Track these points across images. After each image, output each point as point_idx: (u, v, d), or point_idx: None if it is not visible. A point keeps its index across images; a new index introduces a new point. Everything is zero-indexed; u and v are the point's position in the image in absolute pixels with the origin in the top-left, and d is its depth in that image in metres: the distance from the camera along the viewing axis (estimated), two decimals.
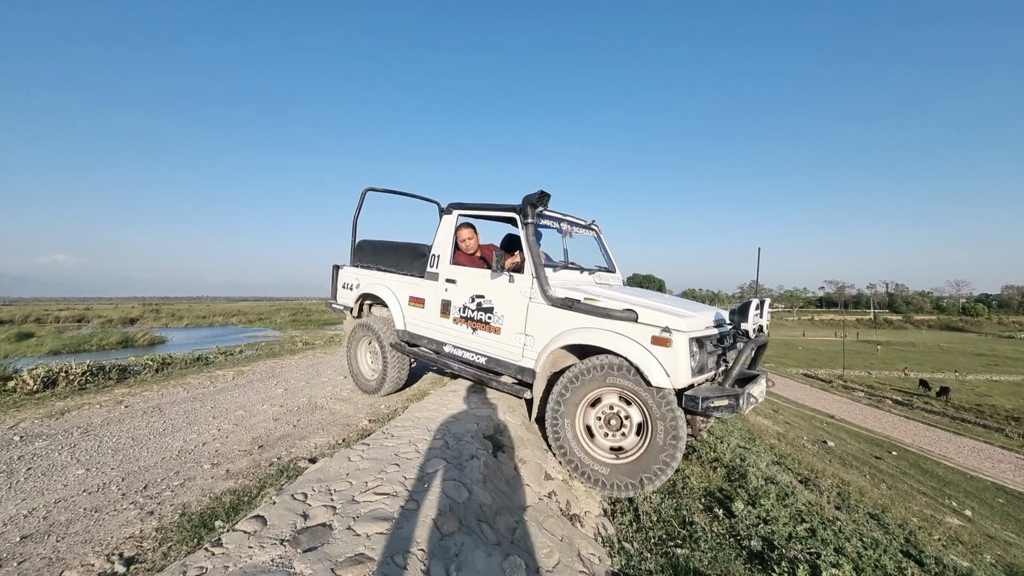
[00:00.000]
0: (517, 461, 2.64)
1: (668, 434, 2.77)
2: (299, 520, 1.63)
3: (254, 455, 3.22)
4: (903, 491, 9.19)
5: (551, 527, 2.20)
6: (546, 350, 3.19)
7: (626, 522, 2.73)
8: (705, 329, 3.05)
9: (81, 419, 4.10)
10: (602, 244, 4.59)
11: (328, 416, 4.25)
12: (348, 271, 5.23)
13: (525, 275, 3.40)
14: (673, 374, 2.70)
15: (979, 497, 12.18)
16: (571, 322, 3.11)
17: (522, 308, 3.38)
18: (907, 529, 4.77)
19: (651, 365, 2.72)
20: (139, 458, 3.21)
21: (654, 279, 58.79)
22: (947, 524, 7.00)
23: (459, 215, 4.03)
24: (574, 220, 4.29)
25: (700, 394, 2.72)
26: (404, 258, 4.57)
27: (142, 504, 2.54)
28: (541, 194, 3.46)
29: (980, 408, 25.42)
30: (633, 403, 2.94)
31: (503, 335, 3.50)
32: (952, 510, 9.16)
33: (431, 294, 4.13)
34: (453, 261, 3.98)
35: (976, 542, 6.40)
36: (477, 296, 3.70)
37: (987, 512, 10.46)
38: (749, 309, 3.11)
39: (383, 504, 1.76)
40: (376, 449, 2.34)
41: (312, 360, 7.59)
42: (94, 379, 5.69)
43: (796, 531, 3.02)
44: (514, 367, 3.43)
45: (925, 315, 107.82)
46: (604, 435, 3.03)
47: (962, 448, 18.40)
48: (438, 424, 2.76)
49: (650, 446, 2.84)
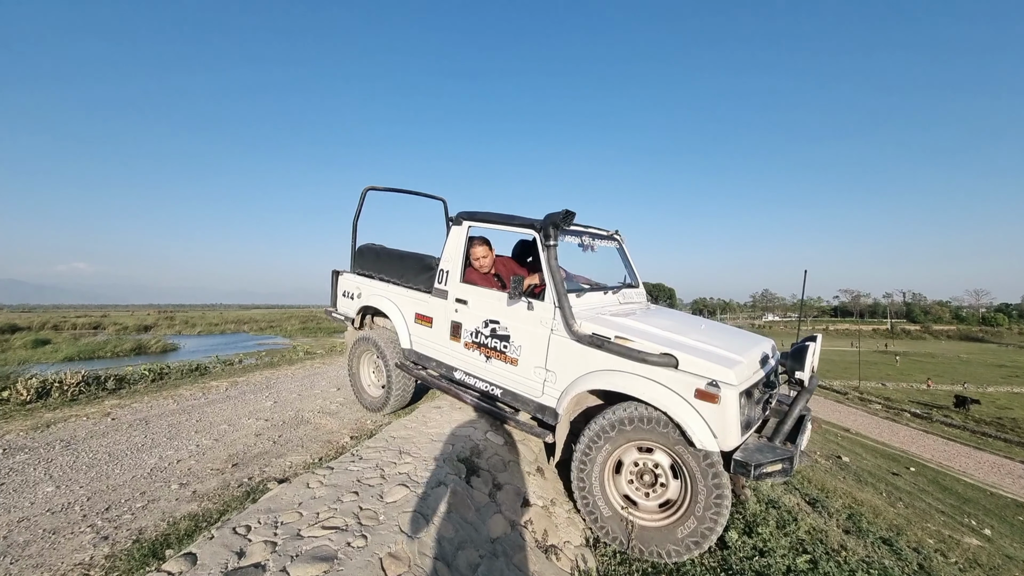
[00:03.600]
0: (492, 487, 2.49)
1: (711, 501, 2.44)
2: (232, 559, 1.52)
3: (226, 475, 3.11)
4: (920, 510, 8.84)
5: (521, 562, 2.05)
6: (570, 391, 2.86)
7: (609, 553, 2.56)
8: (753, 375, 2.65)
9: (66, 432, 4.05)
10: (625, 255, 4.23)
11: (312, 432, 4.14)
12: (349, 278, 4.87)
13: (546, 303, 3.05)
14: (721, 435, 2.36)
15: (999, 515, 11.73)
16: (599, 362, 2.76)
17: (542, 340, 3.05)
18: (922, 554, 4.52)
19: (695, 424, 2.38)
20: (110, 476, 3.13)
21: (664, 288, 58.22)
22: (965, 545, 6.69)
23: (470, 227, 3.66)
24: (596, 231, 3.93)
25: (752, 460, 2.39)
26: (409, 270, 4.19)
27: (99, 528, 2.45)
28: (566, 213, 3.08)
29: (1001, 421, 24.62)
30: (669, 457, 2.61)
31: (520, 367, 3.16)
32: (971, 529, 8.79)
33: (440, 313, 3.77)
34: (464, 279, 3.63)
35: (994, 564, 6.11)
36: (491, 321, 3.35)
37: (1007, 531, 10.05)
38: (806, 355, 2.78)
39: (328, 541, 1.63)
40: (339, 474, 2.22)
41: (309, 370, 7.52)
42: (88, 389, 5.66)
43: (796, 563, 2.82)
44: (533, 404, 3.09)
45: (944, 325, 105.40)
46: (644, 494, 2.70)
47: (982, 463, 17.80)
48: (412, 445, 2.63)
49: (687, 511, 2.53)
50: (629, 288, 3.91)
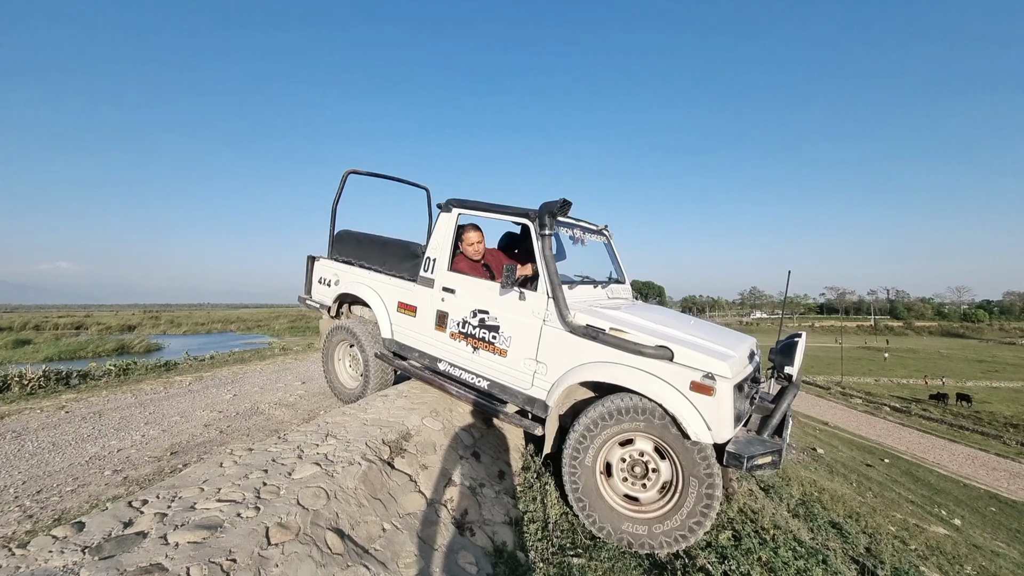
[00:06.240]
0: (418, 467, 2.56)
1: (702, 494, 2.45)
2: (117, 527, 1.57)
3: (162, 462, 3.16)
4: (889, 499, 9.00)
5: (429, 535, 2.12)
6: (561, 383, 2.84)
7: (532, 531, 2.64)
8: (743, 369, 2.70)
9: (19, 423, 4.06)
10: (612, 252, 4.18)
11: (263, 422, 4.18)
12: (325, 264, 4.66)
13: (539, 294, 3.01)
14: (715, 427, 2.37)
15: (971, 506, 11.97)
16: (592, 354, 2.75)
17: (534, 331, 3.00)
18: (875, 538, 4.62)
19: (689, 416, 2.39)
20: (49, 463, 3.17)
21: (653, 286, 58.50)
22: (930, 533, 6.81)
23: (460, 214, 3.57)
24: (587, 225, 3.89)
25: (744, 451, 2.41)
26: (392, 256, 4.07)
27: (27, 508, 2.52)
28: (563, 202, 3.03)
29: (979, 415, 25.14)
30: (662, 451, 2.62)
31: (510, 359, 3.12)
32: (940, 519, 8.96)
33: (425, 302, 3.67)
34: (452, 267, 3.55)
35: (959, 552, 6.21)
36: (480, 311, 3.28)
37: (977, 521, 10.26)
38: (796, 350, 2.81)
39: (219, 512, 1.69)
40: (257, 454, 2.27)
41: (278, 366, 7.53)
42: (48, 384, 5.65)
43: (717, 539, 2.91)
44: (522, 396, 3.06)
45: (926, 321, 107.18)
46: (643, 486, 2.71)
47: (957, 455, 18.16)
48: (342, 429, 2.68)
49: (677, 504, 2.54)
50: (616, 284, 3.90)
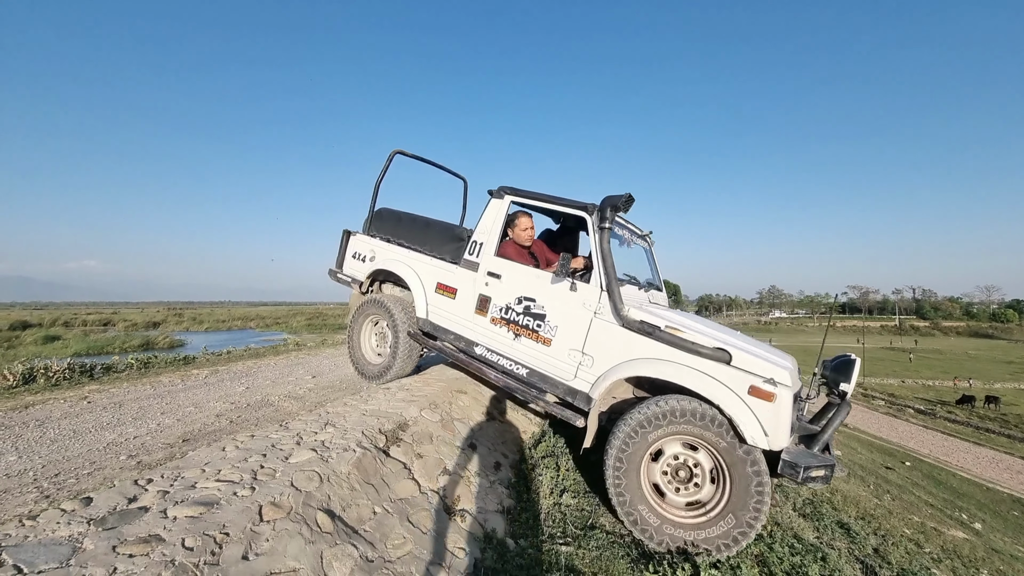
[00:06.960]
0: (413, 456, 2.64)
1: (751, 502, 2.41)
2: (122, 502, 1.68)
3: (174, 448, 3.30)
4: (908, 502, 8.81)
5: (420, 520, 2.20)
6: (608, 376, 2.81)
7: (523, 520, 2.70)
8: (796, 381, 2.68)
9: (43, 413, 4.26)
10: (652, 258, 4.18)
11: (271, 413, 4.32)
12: (362, 240, 4.62)
13: (592, 286, 3.00)
14: (772, 434, 2.34)
15: (993, 510, 11.66)
16: (645, 350, 2.73)
17: (583, 323, 2.99)
18: (886, 540, 4.55)
19: (748, 420, 2.37)
20: (69, 449, 3.33)
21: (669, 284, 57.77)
22: (948, 537, 6.66)
23: (512, 201, 3.57)
24: (634, 228, 3.89)
25: (801, 461, 2.36)
26: (435, 238, 4.07)
27: (44, 488, 2.66)
28: (628, 198, 2.99)
29: (1006, 417, 24.33)
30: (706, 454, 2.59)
31: (553, 348, 3.10)
32: (960, 523, 8.74)
33: (466, 285, 3.65)
34: (499, 252, 3.55)
35: (977, 556, 6.06)
36: (526, 298, 3.27)
37: (999, 525, 9.99)
38: (852, 369, 2.80)
39: (216, 491, 1.79)
40: (258, 440, 2.38)
41: (292, 361, 7.72)
42: (72, 376, 5.91)
43: None
44: (563, 387, 3.03)
45: (954, 321, 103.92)
46: (675, 489, 2.69)
47: (982, 459, 17.65)
48: (341, 419, 2.78)
49: (724, 510, 2.50)
50: (655, 290, 3.91)
